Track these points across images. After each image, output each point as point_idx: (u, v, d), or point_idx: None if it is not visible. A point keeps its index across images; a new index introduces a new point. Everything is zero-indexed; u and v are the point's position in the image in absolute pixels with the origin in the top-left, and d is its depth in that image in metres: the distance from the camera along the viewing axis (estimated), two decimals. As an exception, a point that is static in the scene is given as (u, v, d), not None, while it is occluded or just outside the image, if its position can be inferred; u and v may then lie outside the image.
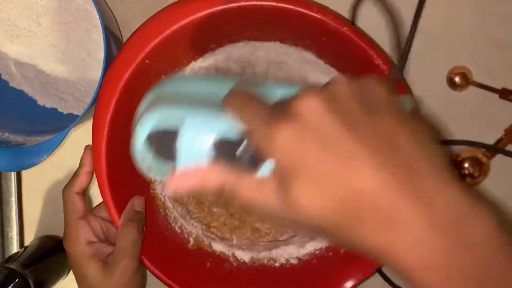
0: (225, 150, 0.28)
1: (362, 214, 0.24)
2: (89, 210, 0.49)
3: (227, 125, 0.28)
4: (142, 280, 0.48)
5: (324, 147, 0.24)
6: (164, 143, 0.29)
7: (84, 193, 0.48)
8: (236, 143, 0.28)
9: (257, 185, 0.28)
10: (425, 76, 0.53)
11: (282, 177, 0.26)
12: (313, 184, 0.25)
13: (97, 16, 0.45)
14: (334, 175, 0.24)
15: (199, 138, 0.28)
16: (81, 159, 0.47)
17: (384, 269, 0.53)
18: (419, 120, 0.27)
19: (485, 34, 0.53)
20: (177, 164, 0.29)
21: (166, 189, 0.30)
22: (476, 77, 0.52)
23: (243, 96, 0.29)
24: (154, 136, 0.29)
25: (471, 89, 0.53)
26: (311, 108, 0.25)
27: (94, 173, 0.47)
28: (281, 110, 0.26)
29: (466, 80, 0.52)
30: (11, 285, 0.50)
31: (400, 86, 0.44)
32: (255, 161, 0.28)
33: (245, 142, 0.28)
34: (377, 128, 0.25)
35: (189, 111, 0.29)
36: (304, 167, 0.25)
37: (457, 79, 0.52)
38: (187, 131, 0.28)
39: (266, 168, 0.28)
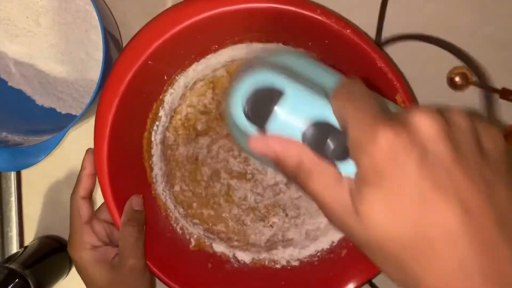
0: (318, 132, 0.27)
1: (430, 252, 0.23)
2: (94, 213, 0.49)
3: (329, 111, 0.27)
4: (150, 279, 0.48)
5: (425, 167, 0.22)
6: (257, 106, 0.28)
7: (90, 197, 0.48)
8: (332, 130, 0.27)
9: (335, 180, 0.26)
10: (425, 76, 0.53)
11: (364, 181, 0.24)
12: (393, 201, 0.23)
13: (97, 17, 0.45)
14: (420, 200, 0.22)
15: (298, 112, 0.27)
16: (82, 162, 0.47)
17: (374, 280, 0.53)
18: None
19: (485, 34, 0.53)
20: (268, 126, 0.28)
21: (249, 144, 0.28)
22: (476, 77, 0.52)
23: (355, 88, 0.27)
24: (251, 97, 0.28)
25: (472, 89, 0.53)
26: (429, 124, 0.23)
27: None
28: (393, 116, 0.24)
29: (466, 80, 0.52)
30: (11, 285, 0.50)
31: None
32: (342, 156, 0.26)
33: (340, 134, 0.26)
34: (483, 173, 0.23)
35: (297, 84, 0.28)
36: (392, 179, 0.23)
37: (457, 79, 0.52)
38: (289, 101, 0.27)
39: (351, 167, 0.26)
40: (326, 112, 0.27)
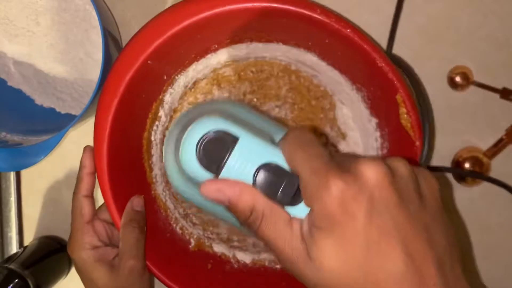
0: (269, 177, 0.28)
1: None
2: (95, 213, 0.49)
3: (280, 157, 0.28)
4: (149, 280, 0.48)
5: (372, 215, 0.25)
6: (210, 151, 0.29)
7: (92, 196, 0.48)
8: (282, 173, 0.28)
9: (286, 224, 0.27)
10: (426, 76, 0.53)
11: (316, 225, 0.26)
12: (344, 247, 0.25)
13: (96, 17, 0.45)
14: (368, 246, 0.24)
15: (251, 157, 0.28)
16: (81, 160, 0.47)
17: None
18: (446, 217, 0.28)
19: (485, 34, 0.53)
20: (221, 172, 0.29)
21: (201, 189, 0.29)
22: (477, 77, 0.52)
23: (304, 135, 0.29)
24: (204, 141, 0.29)
25: (472, 89, 0.53)
26: (376, 174, 0.25)
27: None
28: (342, 165, 0.26)
29: (466, 80, 0.52)
30: (11, 285, 0.50)
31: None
32: (293, 199, 0.28)
33: (291, 177, 0.28)
34: (423, 218, 0.26)
35: (249, 131, 0.29)
36: (343, 226, 0.25)
37: (457, 79, 0.52)
38: (243, 146, 0.28)
39: (301, 210, 0.27)
40: (277, 158, 0.28)
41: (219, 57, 0.49)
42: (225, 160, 0.28)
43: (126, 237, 0.45)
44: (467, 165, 0.52)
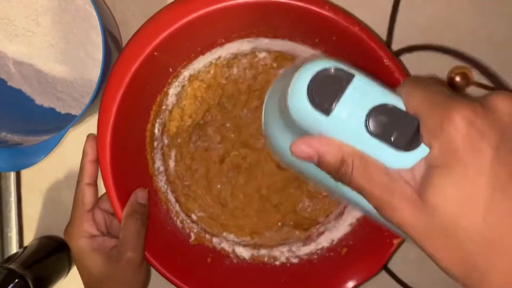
0: (382, 120, 0.25)
1: (500, 247, 0.21)
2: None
3: (398, 100, 0.25)
4: (146, 273, 0.48)
5: (503, 154, 0.21)
6: (322, 90, 0.26)
7: (95, 184, 0.48)
8: (398, 117, 0.25)
9: (381, 171, 0.25)
10: (425, 75, 0.53)
11: (434, 166, 0.22)
12: (465, 186, 0.21)
13: (96, 17, 0.45)
14: (494, 189, 0.21)
15: (364, 97, 0.25)
16: (84, 148, 0.47)
17: (390, 266, 0.54)
18: None
19: (485, 34, 0.53)
20: (332, 111, 0.26)
21: (291, 147, 0.27)
22: (477, 77, 0.52)
23: (422, 78, 0.25)
24: (316, 80, 0.26)
25: (472, 89, 0.53)
26: (509, 107, 0.21)
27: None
28: (469, 98, 0.22)
29: (466, 80, 0.52)
30: (11, 285, 0.50)
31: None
32: (409, 144, 0.24)
33: (409, 118, 0.25)
34: None
35: (361, 72, 0.26)
36: (467, 163, 0.21)
37: (457, 79, 0.52)
38: (356, 84, 0.26)
39: (419, 155, 0.24)
40: (394, 100, 0.25)
41: (225, 52, 0.49)
42: (338, 98, 0.26)
43: (128, 228, 0.45)
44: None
